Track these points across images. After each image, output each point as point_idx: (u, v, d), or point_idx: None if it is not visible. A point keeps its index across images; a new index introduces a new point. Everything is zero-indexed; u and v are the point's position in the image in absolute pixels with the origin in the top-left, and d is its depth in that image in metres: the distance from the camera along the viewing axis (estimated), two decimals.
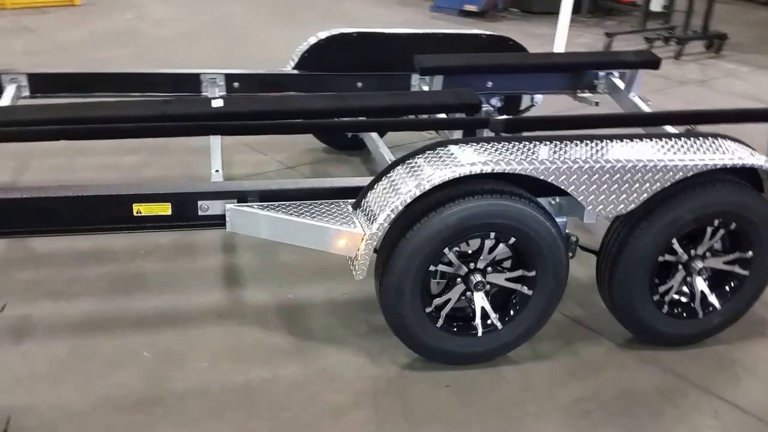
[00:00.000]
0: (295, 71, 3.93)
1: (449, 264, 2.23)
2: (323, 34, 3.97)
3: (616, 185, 2.17)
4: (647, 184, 2.18)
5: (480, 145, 2.21)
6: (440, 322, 2.28)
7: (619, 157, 2.18)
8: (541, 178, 2.13)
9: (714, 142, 2.34)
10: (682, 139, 2.32)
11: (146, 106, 3.14)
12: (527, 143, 2.24)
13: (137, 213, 2.28)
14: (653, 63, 3.92)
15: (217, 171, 3.00)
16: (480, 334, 2.30)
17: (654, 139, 2.31)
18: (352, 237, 2.15)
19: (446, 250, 2.17)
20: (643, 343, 2.51)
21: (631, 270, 2.30)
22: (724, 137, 2.41)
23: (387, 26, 8.94)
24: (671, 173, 2.19)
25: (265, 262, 3.01)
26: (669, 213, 2.24)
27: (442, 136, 3.74)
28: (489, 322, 2.30)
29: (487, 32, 4.29)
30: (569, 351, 2.49)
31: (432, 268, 2.20)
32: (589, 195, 2.17)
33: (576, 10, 10.54)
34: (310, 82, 3.91)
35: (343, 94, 3.75)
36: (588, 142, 2.27)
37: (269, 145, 4.34)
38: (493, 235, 2.18)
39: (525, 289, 2.28)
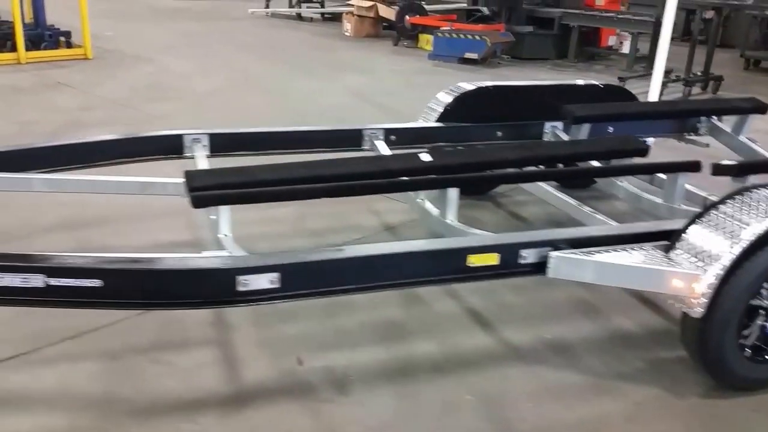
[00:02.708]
0: (440, 124, 4.15)
1: (761, 297, 2.48)
2: (465, 88, 4.21)
3: None
4: None
5: None
6: (747, 351, 2.52)
7: None
8: None
9: None
10: None
11: (367, 162, 3.30)
12: None
13: (470, 264, 2.43)
14: (762, 108, 4.36)
15: (451, 220, 3.16)
16: None
17: None
18: (688, 278, 2.37)
19: (765, 284, 2.43)
20: None
21: None
22: None
23: (400, 74, 9.34)
24: None
25: (494, 304, 3.17)
26: None
27: None
28: None
29: (602, 82, 4.65)
30: None
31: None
32: None
33: (563, 55, 11.28)
34: (457, 133, 4.13)
35: (527, 143, 4.01)
36: None
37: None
38: None
39: None
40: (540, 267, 2.49)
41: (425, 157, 3.19)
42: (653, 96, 5.26)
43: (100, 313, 2.81)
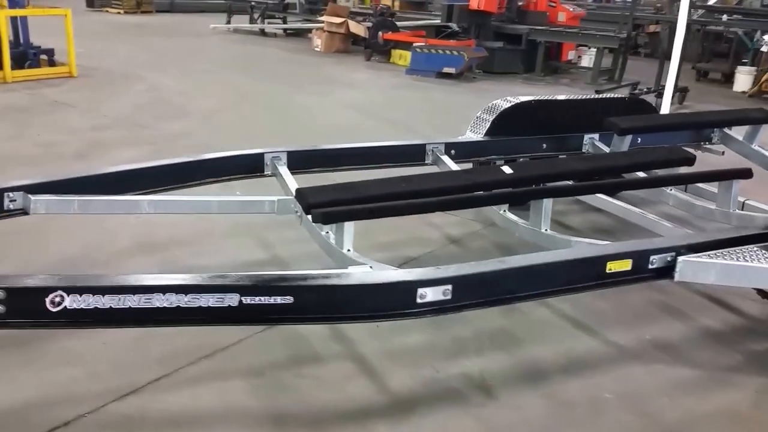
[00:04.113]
0: (490, 138, 4.34)
1: None
2: (508, 103, 4.42)
3: None
4: None
5: None
6: None
7: None
8: None
9: None
10: None
11: (459, 177, 3.47)
12: None
13: (608, 270, 2.60)
14: None
15: (546, 230, 3.34)
16: None
17: None
18: None
19: None
20: None
21: None
22: None
23: (386, 88, 9.53)
24: None
25: (584, 310, 3.34)
26: None
27: None
28: None
29: (627, 96, 4.95)
30: None
31: None
32: None
33: (530, 69, 11.70)
34: (508, 146, 4.34)
35: (590, 156, 4.23)
36: None
37: None
38: None
39: None
40: (665, 271, 2.68)
41: (507, 169, 3.38)
42: (665, 108, 5.60)
43: (222, 332, 2.86)
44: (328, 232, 3.03)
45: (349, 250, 2.84)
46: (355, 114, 7.55)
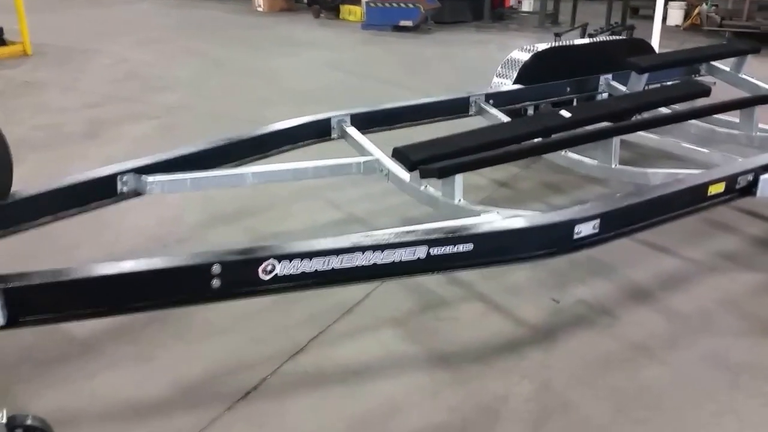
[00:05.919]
0: (519, 86, 4.60)
1: None
2: (528, 53, 4.69)
3: None
4: None
5: None
6: None
7: None
8: None
9: None
10: None
11: (530, 124, 3.73)
12: None
13: (709, 193, 2.92)
14: (756, 49, 5.19)
15: (615, 165, 3.64)
16: None
17: None
18: None
19: None
20: None
21: None
22: None
23: (351, 45, 9.59)
24: None
25: (654, 233, 3.68)
26: None
27: None
28: None
29: (630, 38, 5.29)
30: None
31: None
32: None
33: (478, 17, 11.96)
34: (537, 92, 4.62)
35: (627, 96, 4.53)
36: None
37: None
38: None
39: None
40: (747, 190, 3.04)
41: (566, 113, 3.66)
42: (655, 46, 5.98)
43: (347, 289, 3.00)
44: (426, 186, 3.22)
45: (460, 200, 3.05)
46: (340, 74, 7.61)
